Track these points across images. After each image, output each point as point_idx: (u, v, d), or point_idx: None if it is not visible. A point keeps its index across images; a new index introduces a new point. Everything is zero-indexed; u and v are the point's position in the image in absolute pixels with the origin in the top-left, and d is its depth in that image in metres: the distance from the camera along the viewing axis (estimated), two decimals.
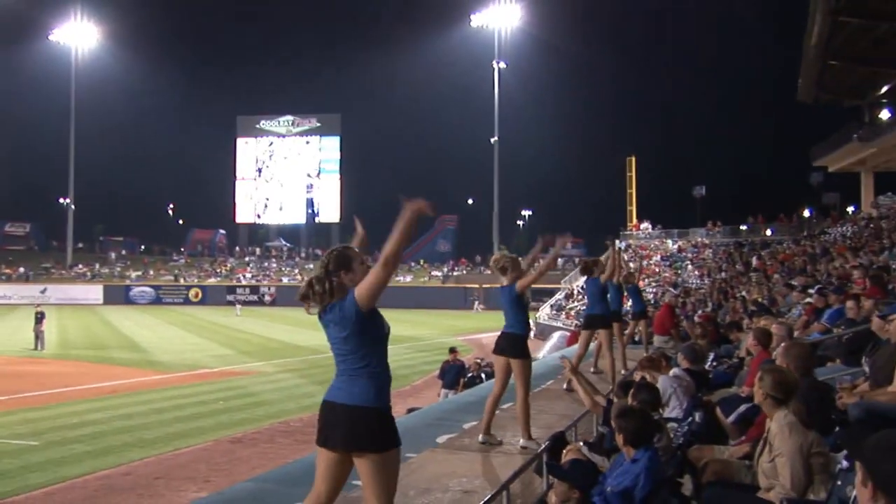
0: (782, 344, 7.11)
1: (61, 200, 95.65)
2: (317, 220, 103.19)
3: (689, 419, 7.46)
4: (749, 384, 7.77)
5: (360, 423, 3.95)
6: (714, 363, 11.84)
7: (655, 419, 5.98)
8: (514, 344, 7.37)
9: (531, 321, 7.96)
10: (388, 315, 4.33)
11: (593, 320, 11.25)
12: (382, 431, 3.97)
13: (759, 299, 16.89)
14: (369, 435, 3.95)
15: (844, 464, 4.43)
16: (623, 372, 12.07)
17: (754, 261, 34.83)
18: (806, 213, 56.69)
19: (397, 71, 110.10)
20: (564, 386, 10.91)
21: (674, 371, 8.99)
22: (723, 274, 38.16)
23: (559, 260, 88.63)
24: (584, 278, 12.68)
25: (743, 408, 7.44)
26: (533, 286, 7.66)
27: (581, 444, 6.52)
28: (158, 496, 11.97)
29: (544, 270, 7.70)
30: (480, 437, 7.59)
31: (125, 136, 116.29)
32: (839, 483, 4.32)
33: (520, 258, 7.97)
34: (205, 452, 15.17)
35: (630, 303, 15.99)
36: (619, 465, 5.31)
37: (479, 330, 42.56)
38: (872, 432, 2.64)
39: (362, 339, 4.00)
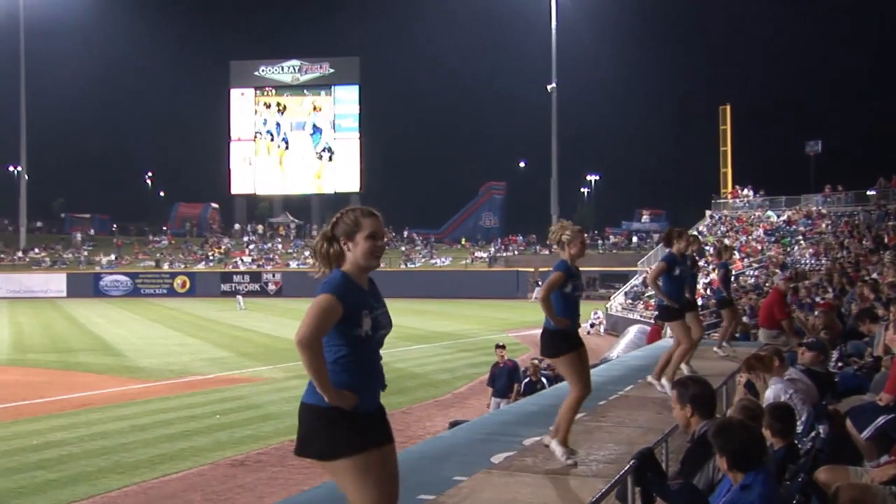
0: None
1: (11, 168, 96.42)
2: (332, 190, 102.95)
3: (812, 433, 7.36)
4: (890, 390, 7.65)
5: (302, 422, 4.24)
6: (839, 363, 11.70)
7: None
8: (544, 342, 7.59)
9: (600, 313, 7.91)
10: (422, 307, 4.40)
11: (660, 311, 11.39)
12: (319, 435, 4.19)
13: None
14: (305, 437, 4.23)
15: None
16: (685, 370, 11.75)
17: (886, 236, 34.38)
18: None
19: (429, 3, 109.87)
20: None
21: (789, 373, 8.88)
22: (845, 252, 37.67)
23: (633, 238, 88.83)
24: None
25: (881, 420, 7.32)
26: (602, 269, 7.69)
27: None
28: None
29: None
30: (559, 450, 7.52)
31: (91, 90, 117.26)
32: None
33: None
34: (199, 478, 15.28)
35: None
36: (724, 491, 5.25)
37: (537, 324, 42.40)
38: None
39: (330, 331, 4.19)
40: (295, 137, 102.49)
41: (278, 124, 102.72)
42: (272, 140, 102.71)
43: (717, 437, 5.27)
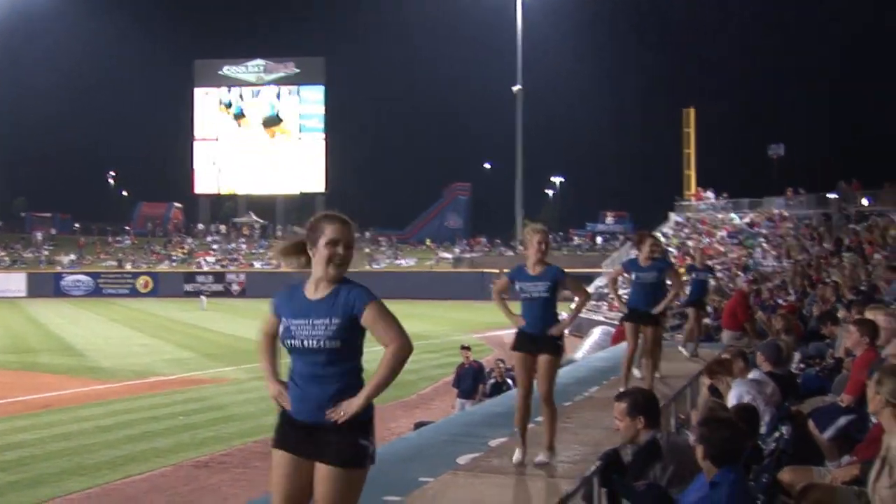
0: None
1: None
2: (297, 190, 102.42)
3: (776, 434, 7.41)
4: (851, 391, 7.72)
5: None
6: (801, 365, 11.81)
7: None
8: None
9: (564, 314, 7.86)
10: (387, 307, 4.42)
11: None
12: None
13: (858, 286, 16.82)
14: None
15: None
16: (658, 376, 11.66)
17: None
18: None
19: (395, 3, 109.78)
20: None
21: (753, 374, 8.94)
22: (806, 254, 38.02)
23: (597, 239, 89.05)
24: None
25: (843, 420, 7.39)
26: (566, 270, 7.74)
27: None
28: None
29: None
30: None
31: (53, 88, 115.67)
32: None
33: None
34: (162, 480, 15.22)
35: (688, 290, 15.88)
36: (695, 488, 5.28)
37: (500, 325, 42.46)
38: None
39: None
40: (259, 137, 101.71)
41: (242, 123, 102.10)
42: (236, 140, 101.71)
43: (704, 425, 5.30)
